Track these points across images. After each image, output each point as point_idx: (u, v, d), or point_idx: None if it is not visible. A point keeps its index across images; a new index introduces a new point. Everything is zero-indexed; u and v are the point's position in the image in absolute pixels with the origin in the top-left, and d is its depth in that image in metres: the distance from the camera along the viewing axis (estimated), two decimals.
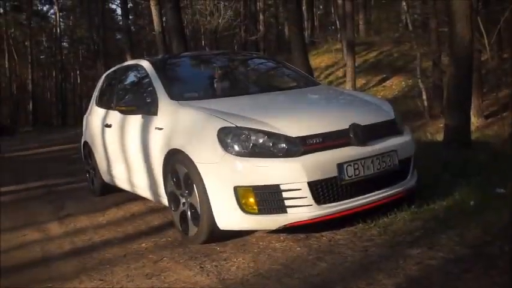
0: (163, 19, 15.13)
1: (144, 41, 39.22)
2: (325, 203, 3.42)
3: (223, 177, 3.46)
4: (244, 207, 3.40)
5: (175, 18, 11.76)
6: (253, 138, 3.45)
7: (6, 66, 47.86)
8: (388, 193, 3.70)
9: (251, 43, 28.25)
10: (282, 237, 3.67)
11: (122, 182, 5.27)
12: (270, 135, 3.46)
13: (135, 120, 4.60)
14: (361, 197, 3.55)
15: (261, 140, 3.45)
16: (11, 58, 47.48)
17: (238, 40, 29.65)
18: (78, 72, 52.05)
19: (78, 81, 52.57)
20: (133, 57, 17.72)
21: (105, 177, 5.77)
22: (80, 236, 4.50)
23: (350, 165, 3.48)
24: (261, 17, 30.21)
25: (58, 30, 47.66)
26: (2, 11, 47.63)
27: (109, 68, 6.84)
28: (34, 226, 5.07)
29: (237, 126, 3.51)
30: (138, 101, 4.75)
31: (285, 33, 28.30)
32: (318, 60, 20.78)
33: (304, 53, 11.23)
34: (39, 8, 49.68)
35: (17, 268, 3.85)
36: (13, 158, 13.90)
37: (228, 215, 3.49)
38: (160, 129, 4.12)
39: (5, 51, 47.11)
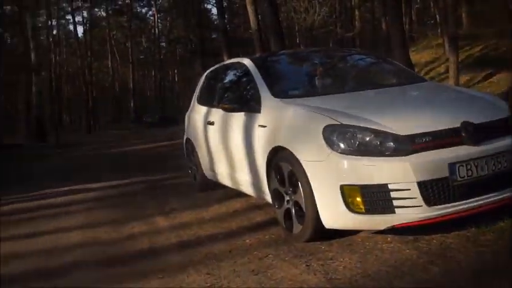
0: (259, 17, 15.25)
1: (240, 39, 39.81)
2: (435, 204, 3.27)
3: (329, 175, 3.41)
4: (350, 206, 3.34)
5: (273, 16, 11.81)
6: (359, 136, 3.38)
7: (109, 66, 50.46)
8: (504, 196, 3.47)
9: (347, 39, 27.89)
10: (389, 238, 3.57)
11: (224, 179, 5.36)
12: (377, 133, 3.37)
13: (238, 118, 4.66)
14: (474, 199, 3.36)
15: (367, 138, 3.37)
16: (113, 59, 50.01)
17: (334, 37, 29.39)
18: (175, 71, 53.84)
19: (176, 79, 54.36)
20: (230, 56, 18.04)
21: (208, 174, 5.90)
22: (185, 231, 4.61)
23: (462, 165, 3.32)
24: (357, 12, 29.76)
25: (156, 31, 49.59)
26: (105, 14, 50.27)
27: (206, 67, 6.99)
28: (141, 219, 5.27)
29: (342, 124, 3.45)
30: (240, 98, 4.83)
31: (382, 29, 27.66)
32: (418, 56, 20.12)
33: (405, 48, 10.91)
34: (138, 10, 51.92)
35: (127, 258, 4.02)
36: (119, 154, 14.61)
37: (333, 214, 3.44)
38: (264, 126, 4.14)
39: (108, 52, 49.70)
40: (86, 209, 6.28)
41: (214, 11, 45.16)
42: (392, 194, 3.25)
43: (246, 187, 4.75)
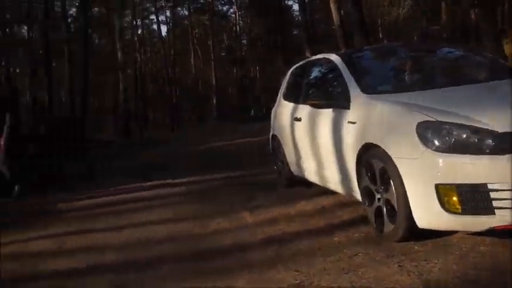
0: (342, 13, 15.07)
1: (322, 35, 39.44)
2: None
3: (423, 173, 3.30)
4: (446, 206, 3.21)
5: (357, 11, 11.62)
6: (455, 133, 3.24)
7: (192, 63, 51.55)
8: None
9: (432, 33, 26.91)
10: (487, 241, 3.39)
11: (311, 175, 5.33)
12: (474, 130, 3.22)
13: (326, 114, 4.61)
14: None
15: (464, 136, 3.23)
16: (196, 56, 51.01)
17: (419, 30, 28.46)
18: (257, 68, 54.19)
19: (257, 76, 54.69)
20: (311, 52, 17.95)
21: (294, 170, 5.88)
22: (271, 227, 4.61)
23: None
24: (443, 4, 28.63)
25: (237, 29, 50.16)
26: (187, 13, 51.41)
27: (287, 63, 6.97)
28: (227, 215, 5.32)
29: (438, 121, 3.33)
30: (328, 94, 4.80)
31: (471, 20, 26.48)
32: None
33: (498, 41, 10.39)
34: (219, 8, 52.62)
35: (214, 254, 4.07)
36: (204, 150, 14.90)
37: (428, 214, 3.32)
38: (353, 123, 4.07)
39: (191, 50, 50.78)
40: (173, 203, 6.44)
41: (295, 7, 45.08)
42: (492, 195, 3.09)
43: (334, 184, 4.69)
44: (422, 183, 3.30)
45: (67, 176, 10.45)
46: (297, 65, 6.49)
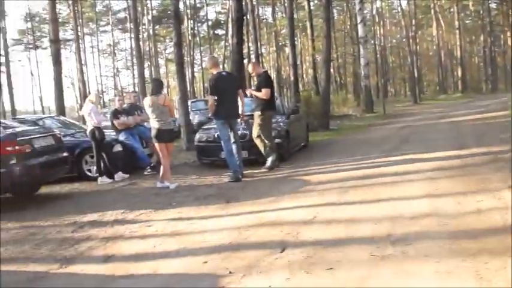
0: None
1: None
2: None
3: None
4: None
5: None
6: None
7: (434, 34, 49.26)
8: None
9: None
10: None
11: None
12: None
13: None
14: None
15: None
16: (438, 26, 48.60)
17: None
18: (508, 34, 49.48)
19: (509, 43, 49.96)
20: None
21: None
22: None
23: None
24: None
25: None
26: None
27: None
28: (487, 193, 5.04)
29: None
30: None
31: None
32: None
33: None
34: None
35: (476, 233, 3.86)
36: (449, 124, 14.25)
37: None
38: None
39: (433, 20, 48.53)
40: (426, 178, 6.27)
41: None
42: None
43: None
44: None
45: (314, 149, 10.95)
46: None
